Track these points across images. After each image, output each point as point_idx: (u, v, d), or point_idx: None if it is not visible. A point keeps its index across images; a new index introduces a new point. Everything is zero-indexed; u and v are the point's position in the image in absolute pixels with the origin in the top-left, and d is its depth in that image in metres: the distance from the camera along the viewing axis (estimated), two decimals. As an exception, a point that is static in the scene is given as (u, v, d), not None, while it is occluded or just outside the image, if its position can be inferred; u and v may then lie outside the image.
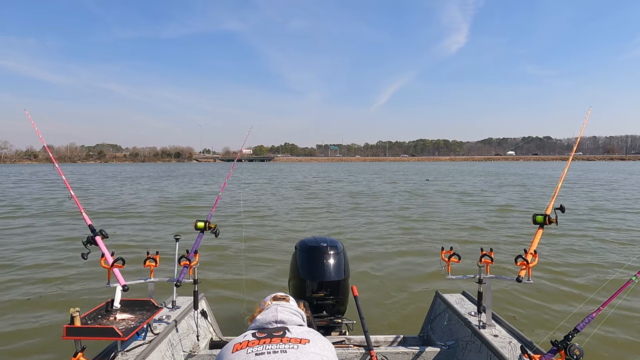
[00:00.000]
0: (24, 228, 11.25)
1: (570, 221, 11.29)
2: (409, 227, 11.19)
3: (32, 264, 7.34)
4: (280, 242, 9.26)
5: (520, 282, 2.44)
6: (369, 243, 9.11)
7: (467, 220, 12.13)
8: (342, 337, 3.04)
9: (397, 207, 15.52)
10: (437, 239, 9.40)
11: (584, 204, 15.85)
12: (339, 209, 15.20)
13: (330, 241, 3.45)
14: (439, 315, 3.35)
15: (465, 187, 25.46)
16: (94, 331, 2.21)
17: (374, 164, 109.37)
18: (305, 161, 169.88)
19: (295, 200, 18.83)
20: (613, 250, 8.12)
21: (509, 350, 2.42)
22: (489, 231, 10.43)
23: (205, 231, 3.08)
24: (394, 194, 21.82)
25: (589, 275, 6.50)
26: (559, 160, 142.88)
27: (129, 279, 2.69)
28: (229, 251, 8.28)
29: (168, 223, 12.13)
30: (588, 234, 9.79)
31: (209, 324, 3.34)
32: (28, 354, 4.12)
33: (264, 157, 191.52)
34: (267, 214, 13.83)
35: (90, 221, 2.79)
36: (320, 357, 1.62)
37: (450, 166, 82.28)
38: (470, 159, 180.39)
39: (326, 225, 11.69)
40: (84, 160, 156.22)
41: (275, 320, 1.80)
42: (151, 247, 4.61)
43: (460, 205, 16.23)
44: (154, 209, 15.38)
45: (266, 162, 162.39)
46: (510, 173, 45.75)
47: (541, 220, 2.66)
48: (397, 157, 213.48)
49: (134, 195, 21.89)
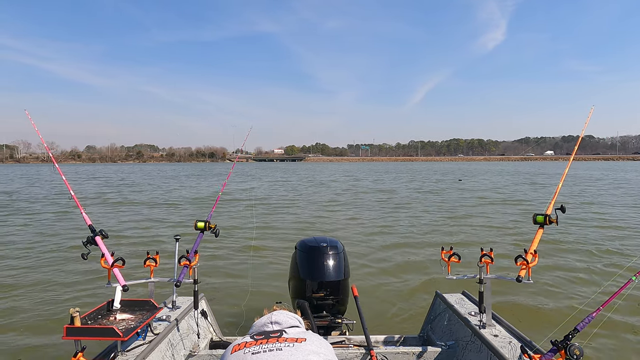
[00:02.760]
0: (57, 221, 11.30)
1: (571, 220, 11.30)
2: (411, 227, 11.19)
3: (36, 262, 7.37)
4: (282, 242, 9.26)
5: (520, 282, 2.44)
6: (369, 243, 9.11)
7: (480, 220, 12.14)
8: (342, 337, 3.04)
9: (406, 206, 15.58)
10: (437, 240, 9.41)
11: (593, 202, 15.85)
12: (345, 206, 15.23)
13: (330, 241, 3.45)
14: (439, 315, 3.35)
15: (492, 187, 25.18)
16: (94, 331, 2.21)
17: (404, 164, 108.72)
18: (335, 161, 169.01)
19: (306, 197, 19.15)
20: (613, 251, 8.12)
21: (509, 350, 2.42)
22: (492, 231, 10.43)
23: (205, 231, 3.07)
24: (409, 192, 21.95)
25: (589, 275, 6.50)
26: (601, 160, 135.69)
27: (132, 277, 2.69)
28: (230, 251, 8.28)
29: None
30: (589, 233, 9.80)
31: (209, 324, 3.34)
32: (28, 354, 4.11)
33: (295, 157, 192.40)
34: (273, 211, 13.87)
35: (90, 221, 2.79)
36: (316, 355, 1.62)
37: (485, 166, 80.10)
38: (505, 158, 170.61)
39: (328, 226, 11.70)
40: (123, 160, 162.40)
41: (270, 321, 1.82)
42: (151, 247, 4.61)
43: (480, 205, 16.00)
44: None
45: (297, 161, 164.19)
46: (543, 173, 43.64)
47: (541, 220, 2.65)
48: (429, 157, 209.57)
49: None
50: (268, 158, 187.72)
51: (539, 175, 40.19)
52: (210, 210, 3.50)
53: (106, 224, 11.67)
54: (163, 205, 17.10)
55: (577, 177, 34.22)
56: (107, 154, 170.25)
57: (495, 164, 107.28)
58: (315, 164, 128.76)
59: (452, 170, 58.48)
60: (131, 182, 33.05)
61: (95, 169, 70.22)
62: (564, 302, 5.35)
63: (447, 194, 21.03)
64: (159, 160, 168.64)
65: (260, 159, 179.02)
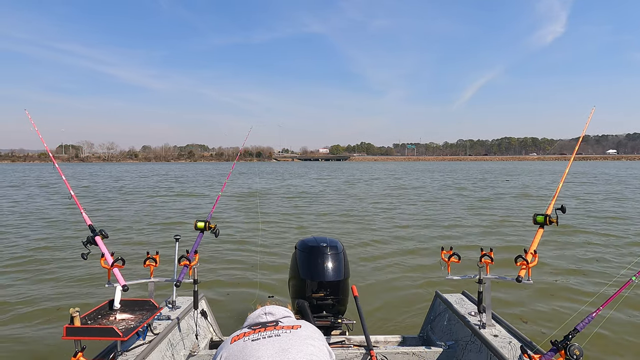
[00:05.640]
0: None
1: (574, 220, 11.29)
2: (411, 227, 11.20)
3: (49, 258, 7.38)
4: (286, 241, 9.27)
5: (520, 282, 2.44)
6: (369, 242, 9.11)
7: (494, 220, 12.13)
8: (342, 337, 3.04)
9: (422, 205, 15.60)
10: (435, 240, 9.41)
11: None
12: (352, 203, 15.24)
13: (330, 241, 3.45)
14: (439, 315, 3.35)
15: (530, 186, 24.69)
16: (93, 331, 2.21)
17: (451, 164, 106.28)
18: (380, 160, 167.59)
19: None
20: (613, 251, 8.11)
21: (509, 350, 2.42)
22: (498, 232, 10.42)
23: (205, 231, 3.07)
24: (429, 191, 22.17)
25: (589, 275, 6.50)
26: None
27: (133, 276, 2.69)
28: (231, 250, 8.28)
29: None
30: (588, 233, 9.80)
31: (209, 324, 3.34)
32: (28, 354, 4.11)
33: (339, 156, 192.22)
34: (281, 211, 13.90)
35: (90, 221, 2.78)
36: (312, 339, 1.73)
37: (539, 166, 75.98)
38: (562, 158, 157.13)
39: (328, 226, 11.70)
40: (176, 160, 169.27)
41: (264, 312, 1.88)
42: (151, 247, 4.62)
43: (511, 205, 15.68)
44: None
45: (342, 161, 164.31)
46: (601, 174, 40.60)
47: (541, 221, 2.65)
48: (477, 156, 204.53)
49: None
50: (313, 157, 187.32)
51: (596, 176, 36.91)
52: (210, 210, 3.50)
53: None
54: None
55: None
56: (161, 154, 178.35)
57: (551, 163, 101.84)
58: (359, 163, 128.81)
59: (498, 170, 55.73)
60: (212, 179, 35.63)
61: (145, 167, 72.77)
62: (564, 302, 5.34)
63: (476, 193, 20.90)
64: (209, 160, 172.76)
65: (305, 158, 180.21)
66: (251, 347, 1.66)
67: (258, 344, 1.66)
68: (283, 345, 1.65)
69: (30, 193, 22.62)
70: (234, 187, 25.66)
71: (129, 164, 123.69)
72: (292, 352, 1.63)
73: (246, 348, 1.66)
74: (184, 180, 34.85)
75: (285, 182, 32.11)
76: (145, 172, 55.18)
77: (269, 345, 1.65)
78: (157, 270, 2.92)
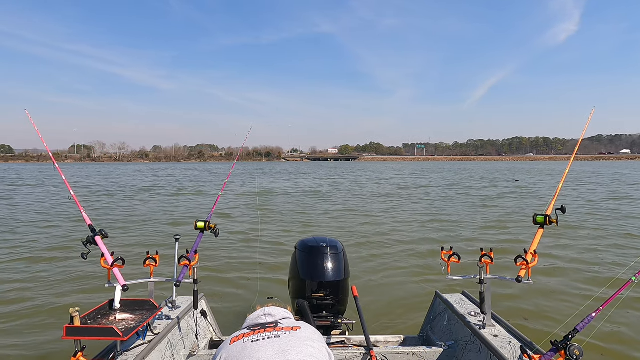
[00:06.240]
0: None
1: (573, 219, 11.29)
2: (411, 226, 11.19)
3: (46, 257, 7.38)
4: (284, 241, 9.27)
5: (520, 282, 2.44)
6: (369, 242, 9.11)
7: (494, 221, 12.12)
8: (342, 337, 3.03)
9: (421, 206, 15.63)
10: (435, 241, 9.41)
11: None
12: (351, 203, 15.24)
13: (330, 241, 3.45)
14: (439, 315, 3.35)
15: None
16: (93, 331, 2.21)
17: (460, 164, 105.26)
18: (389, 160, 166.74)
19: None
20: (614, 251, 8.11)
21: (509, 351, 2.42)
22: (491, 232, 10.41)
23: (205, 231, 3.07)
24: (429, 191, 22.09)
25: (589, 275, 6.50)
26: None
27: (133, 273, 2.69)
28: (231, 250, 8.28)
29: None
30: (589, 233, 9.80)
31: (209, 324, 3.34)
32: (28, 354, 4.11)
33: (348, 156, 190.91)
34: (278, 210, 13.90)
35: (90, 221, 2.78)
36: (312, 341, 1.74)
37: (552, 166, 73.44)
38: (576, 158, 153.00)
39: (327, 225, 11.70)
40: (186, 160, 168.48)
41: (264, 314, 1.89)
42: (151, 247, 4.61)
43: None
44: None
45: (351, 161, 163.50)
46: (613, 174, 41.03)
47: (541, 221, 2.65)
48: (488, 156, 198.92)
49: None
50: (322, 157, 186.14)
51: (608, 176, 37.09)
52: (210, 209, 3.50)
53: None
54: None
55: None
56: (171, 154, 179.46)
57: (562, 163, 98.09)
58: (368, 163, 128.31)
59: (508, 169, 54.84)
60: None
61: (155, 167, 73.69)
62: (564, 302, 5.34)
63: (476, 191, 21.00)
64: (219, 160, 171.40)
65: (314, 158, 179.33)
66: (251, 348, 1.67)
67: (258, 345, 1.68)
68: (283, 347, 1.66)
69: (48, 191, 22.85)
70: (241, 187, 25.85)
71: (140, 163, 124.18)
72: (292, 353, 1.64)
73: (246, 349, 1.67)
74: (197, 180, 34.89)
75: (295, 182, 32.37)
76: (157, 171, 55.53)
77: (269, 347, 1.66)
78: (157, 270, 2.92)
